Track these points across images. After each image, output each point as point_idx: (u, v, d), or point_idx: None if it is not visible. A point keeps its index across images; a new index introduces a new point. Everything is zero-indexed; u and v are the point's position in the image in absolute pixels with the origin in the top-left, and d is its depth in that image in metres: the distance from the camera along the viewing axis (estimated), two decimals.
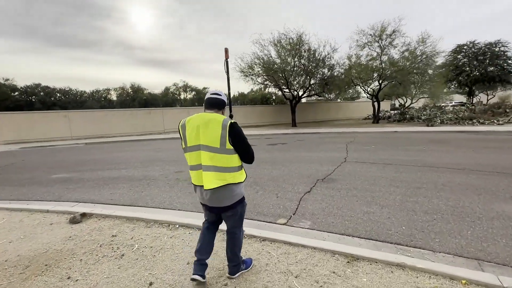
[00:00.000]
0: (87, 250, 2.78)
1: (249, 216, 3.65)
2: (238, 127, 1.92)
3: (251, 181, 5.36)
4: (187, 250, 2.69)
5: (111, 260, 2.56)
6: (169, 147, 11.43)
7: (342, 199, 4.11)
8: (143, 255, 2.63)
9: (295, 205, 4.00)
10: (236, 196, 1.99)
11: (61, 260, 2.59)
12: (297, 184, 5.04)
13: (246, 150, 1.94)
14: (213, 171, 1.87)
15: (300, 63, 17.51)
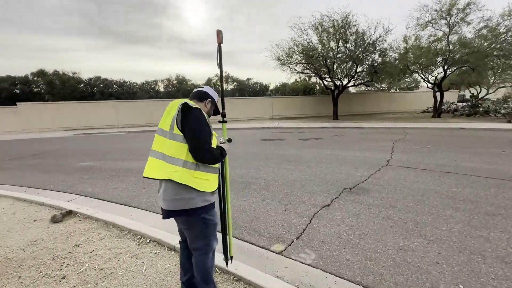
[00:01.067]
0: (36, 263, 2.38)
1: (240, 234, 2.89)
2: (197, 112, 1.55)
3: (262, 184, 4.56)
4: (137, 282, 2.08)
5: (49, 283, 2.09)
6: None
7: (370, 222, 3.04)
8: (84, 282, 2.10)
9: (304, 224, 3.08)
10: (182, 202, 1.53)
11: (2, 274, 2.23)
12: (316, 193, 4.06)
13: (195, 138, 1.50)
14: (158, 158, 1.55)
15: (345, 48, 15.57)
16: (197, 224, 1.61)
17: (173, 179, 1.48)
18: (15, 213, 3.62)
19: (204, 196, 1.57)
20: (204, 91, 1.78)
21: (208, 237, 1.66)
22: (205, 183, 1.57)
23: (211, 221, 1.66)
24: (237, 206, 3.69)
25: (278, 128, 13.66)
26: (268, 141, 9.37)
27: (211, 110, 1.83)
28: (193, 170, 1.52)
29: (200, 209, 1.57)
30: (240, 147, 8.39)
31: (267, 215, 3.37)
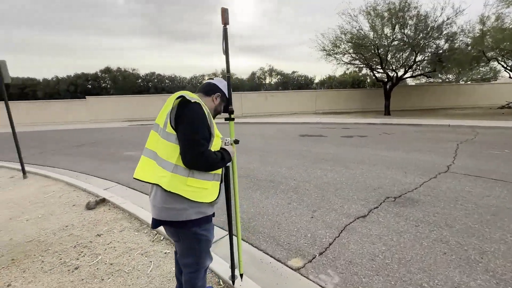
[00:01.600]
0: (60, 249, 2.51)
1: (256, 241, 2.62)
2: (196, 107, 1.28)
3: (291, 185, 4.20)
4: (139, 283, 1.99)
5: (63, 272, 2.15)
6: (239, 131, 11.27)
7: (416, 244, 2.47)
8: (92, 275, 2.10)
9: (331, 236, 2.66)
10: (172, 213, 1.30)
11: (30, 256, 2.39)
12: (352, 199, 3.54)
13: (187, 140, 1.24)
14: (150, 158, 1.34)
15: (402, 34, 13.72)
16: (187, 238, 1.39)
17: (161, 185, 1.26)
18: (61, 196, 4.00)
19: (199, 207, 1.33)
20: (213, 83, 1.52)
21: (199, 254, 1.43)
22: (201, 193, 1.32)
23: (204, 237, 1.41)
24: (259, 207, 3.43)
25: (320, 124, 12.87)
26: (307, 137, 8.84)
27: (220, 106, 1.56)
28: (185, 176, 1.27)
29: (193, 222, 1.33)
30: (275, 143, 8.07)
31: (290, 221, 3.03)
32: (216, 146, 1.38)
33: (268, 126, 12.98)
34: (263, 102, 19.21)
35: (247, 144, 7.87)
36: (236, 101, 19.20)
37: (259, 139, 8.85)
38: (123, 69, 31.67)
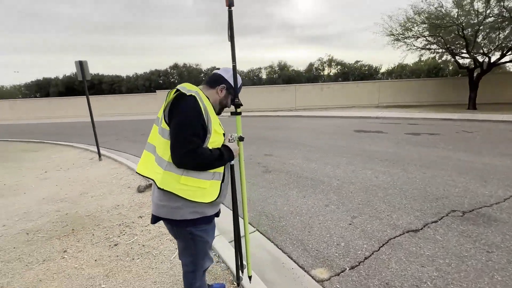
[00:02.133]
0: (108, 225, 2.85)
1: (282, 243, 2.47)
2: (191, 103, 1.18)
3: (333, 185, 3.85)
4: (161, 268, 2.09)
5: (105, 247, 2.43)
6: (289, 125, 11.00)
7: (484, 275, 1.93)
8: (126, 254, 2.31)
9: (369, 249, 2.31)
10: (167, 210, 1.26)
11: (85, 228, 2.78)
12: (404, 208, 3.02)
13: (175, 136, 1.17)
14: (149, 152, 1.31)
15: (501, 7, 10.98)
16: (183, 238, 1.34)
17: (155, 181, 1.23)
18: (121, 179, 4.58)
19: (195, 207, 1.26)
20: (218, 74, 1.38)
21: (195, 254, 1.37)
22: (197, 192, 1.23)
23: (200, 238, 1.33)
24: (293, 206, 3.24)
25: (381, 118, 11.52)
26: (362, 133, 8.01)
27: (227, 99, 1.41)
28: (179, 175, 1.20)
29: (188, 221, 1.27)
30: (325, 138, 7.56)
31: (324, 225, 2.76)
32: (215, 143, 1.27)
33: (321, 120, 12.30)
34: (318, 95, 18.28)
35: (293, 139, 7.60)
36: (289, 94, 18.79)
37: (308, 133, 8.45)
38: (188, 64, 34.53)
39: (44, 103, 24.44)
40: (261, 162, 5.28)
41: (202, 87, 1.36)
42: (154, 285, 1.91)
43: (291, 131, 9.04)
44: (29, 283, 1.98)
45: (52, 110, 22.90)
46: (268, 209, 3.20)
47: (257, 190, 3.82)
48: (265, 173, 4.58)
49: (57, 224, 2.92)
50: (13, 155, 7.06)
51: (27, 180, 4.69)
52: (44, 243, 2.54)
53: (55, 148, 8.00)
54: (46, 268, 2.15)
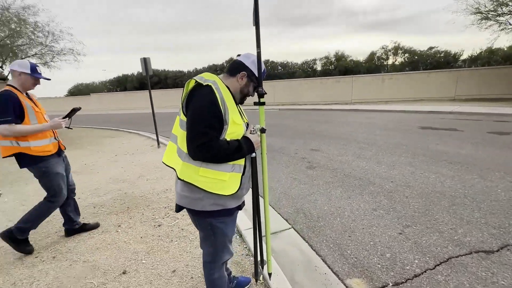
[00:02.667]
0: (156, 207, 3.13)
1: (317, 244, 2.31)
2: (206, 93, 1.14)
3: (385, 188, 3.43)
4: (195, 253, 2.18)
5: (150, 226, 2.67)
6: (341, 119, 10.28)
7: None
8: (166, 235, 2.49)
9: (421, 266, 1.97)
10: (188, 200, 1.25)
11: (138, 208, 3.11)
12: (476, 223, 2.49)
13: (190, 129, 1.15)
14: (173, 142, 1.32)
15: None
16: (203, 228, 1.34)
17: (176, 172, 1.24)
18: None
19: (216, 199, 1.23)
20: (238, 60, 1.30)
21: (214, 246, 1.36)
22: (217, 184, 1.21)
23: (219, 230, 1.31)
24: (335, 207, 3.00)
25: (457, 113, 9.79)
26: (429, 131, 6.94)
27: (248, 87, 1.33)
28: (197, 166, 1.19)
29: (208, 213, 1.26)
30: (383, 134, 6.81)
31: (368, 231, 2.48)
32: (234, 135, 1.21)
33: (380, 114, 11.13)
34: (378, 87, 16.56)
35: (345, 134, 7.06)
36: (345, 86, 17.53)
37: (362, 128, 7.75)
38: None
39: (121, 96, 28.42)
40: (306, 157, 5.06)
41: (222, 76, 1.31)
42: (186, 268, 2.01)
43: (343, 126, 8.43)
44: (89, 249, 2.31)
45: (128, 102, 26.48)
46: (307, 207, 3.05)
47: (297, 186, 3.68)
48: (308, 169, 4.37)
49: (117, 201, 3.35)
50: (95, 140, 8.42)
51: (101, 161, 5.52)
52: (105, 217, 2.94)
53: (126, 135, 9.22)
54: (103, 238, 2.48)
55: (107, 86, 40.31)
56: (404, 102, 15.00)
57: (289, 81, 20.51)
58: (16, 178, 4.49)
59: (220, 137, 1.17)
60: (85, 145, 7.53)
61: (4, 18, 8.27)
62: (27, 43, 8.91)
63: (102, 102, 28.62)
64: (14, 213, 3.11)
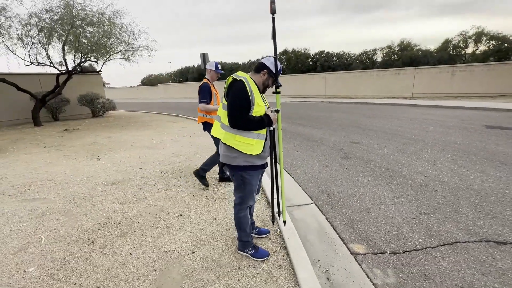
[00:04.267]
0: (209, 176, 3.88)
1: (332, 218, 2.70)
2: (240, 85, 1.72)
3: (416, 180, 3.50)
4: (230, 209, 2.81)
5: (200, 189, 3.42)
6: (394, 114, 9.71)
7: None
8: (211, 196, 3.18)
9: (423, 244, 2.20)
10: (228, 158, 1.84)
11: (190, 176, 3.91)
12: (498, 218, 2.51)
13: (229, 108, 1.73)
14: (217, 120, 1.94)
15: None
16: (235, 178, 1.90)
17: (221, 139, 1.83)
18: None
19: (247, 157, 1.78)
20: (262, 62, 1.86)
21: (243, 192, 1.91)
22: (248, 147, 1.76)
23: (248, 180, 1.86)
24: (359, 192, 3.27)
25: None
26: (496, 130, 6.21)
27: (268, 81, 1.86)
28: (234, 134, 1.75)
29: (241, 167, 1.82)
30: (437, 131, 6.39)
31: (383, 214, 2.73)
32: (259, 113, 1.74)
33: (442, 110, 10.11)
34: (447, 80, 14.70)
35: (392, 129, 6.84)
36: (406, 78, 16.05)
37: (414, 125, 7.33)
38: (297, 50, 34.90)
39: (183, 86, 31.37)
40: (344, 149, 5.25)
41: (250, 74, 1.85)
42: (223, 218, 2.65)
43: (393, 121, 8.08)
44: (157, 199, 3.17)
45: (189, 92, 29.20)
46: (331, 189, 3.39)
47: (328, 172, 4.00)
48: (343, 159, 4.61)
49: (177, 170, 4.24)
50: (163, 123, 9.94)
51: (167, 140, 6.69)
52: (169, 179, 3.83)
53: (186, 121, 10.58)
54: (167, 193, 3.32)
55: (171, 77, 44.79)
56: (479, 98, 13.10)
57: (341, 73, 19.70)
58: (109, 149, 5.89)
59: (249, 113, 1.72)
60: (154, 127, 9.03)
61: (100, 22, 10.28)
62: (115, 42, 10.90)
63: (168, 91, 32.16)
64: (108, 170, 4.27)
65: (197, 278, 1.83)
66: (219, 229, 2.46)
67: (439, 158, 4.39)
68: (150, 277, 1.84)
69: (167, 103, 22.56)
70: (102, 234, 2.43)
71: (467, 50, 28.22)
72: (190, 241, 2.28)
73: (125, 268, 1.94)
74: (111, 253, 2.13)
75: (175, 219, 2.67)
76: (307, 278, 1.78)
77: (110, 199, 3.20)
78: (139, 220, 2.65)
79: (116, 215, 2.78)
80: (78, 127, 9.43)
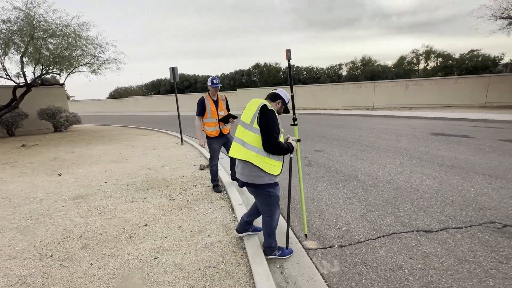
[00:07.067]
0: (173, 187, 3.95)
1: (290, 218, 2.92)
2: (271, 113, 1.94)
3: (367, 182, 3.90)
4: (196, 217, 2.93)
5: (166, 199, 3.48)
6: (356, 124, 10.50)
7: (475, 278, 1.89)
8: (178, 206, 3.27)
9: (366, 236, 2.50)
10: (255, 178, 1.99)
11: (160, 187, 3.96)
12: (430, 212, 2.92)
13: (266, 134, 1.91)
14: (238, 144, 2.03)
15: None
16: (263, 195, 2.08)
17: (250, 161, 1.93)
18: (191, 159, 5.85)
19: (270, 176, 1.99)
20: (276, 93, 2.16)
21: (271, 205, 2.11)
22: (272, 168, 1.97)
23: (274, 193, 2.06)
24: (317, 195, 3.57)
25: (479, 121, 9.53)
26: (440, 137, 7.05)
27: (281, 109, 2.18)
28: (265, 156, 1.94)
29: (267, 185, 2.01)
30: (391, 139, 7.07)
31: (336, 213, 3.03)
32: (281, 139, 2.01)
33: (397, 120, 11.15)
34: (401, 93, 16.26)
35: (353, 137, 7.43)
36: (367, 91, 17.44)
37: (373, 133, 8.03)
38: (269, 63, 36.17)
39: (155, 99, 30.75)
40: (308, 157, 5.61)
41: (268, 101, 2.10)
42: (188, 225, 2.76)
43: (355, 130, 8.76)
44: (122, 211, 3.18)
45: (160, 105, 28.69)
46: (292, 194, 3.64)
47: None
48: (306, 166, 4.94)
49: (144, 182, 4.25)
50: (131, 137, 9.71)
51: (135, 154, 6.60)
52: (135, 192, 3.83)
53: (156, 134, 10.44)
54: (132, 205, 3.34)
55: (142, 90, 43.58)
56: (429, 109, 14.62)
57: (310, 86, 20.83)
58: (72, 164, 5.67)
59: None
60: (123, 141, 8.80)
61: (63, 34, 9.97)
62: (80, 54, 10.58)
63: (139, 104, 31.26)
64: (70, 186, 4.15)
65: (158, 281, 1.92)
66: (183, 236, 2.56)
67: (389, 162, 4.90)
68: (110, 284, 1.90)
69: (138, 117, 21.93)
70: (62, 247, 2.41)
71: (419, 66, 31.18)
72: (154, 248, 2.35)
73: (85, 278, 1.97)
74: (71, 265, 2.14)
75: (140, 229, 2.72)
76: (262, 273, 1.96)
77: (71, 213, 3.14)
78: (102, 232, 2.66)
79: (77, 229, 2.75)
80: (37, 143, 8.87)
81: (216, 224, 2.79)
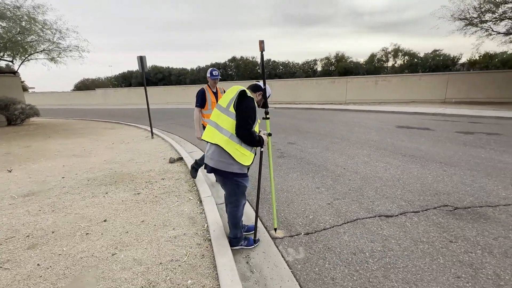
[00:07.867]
0: (139, 181, 3.75)
1: (259, 208, 2.90)
2: (250, 99, 1.91)
3: (335, 172, 4.00)
4: (161, 211, 2.80)
5: (131, 194, 3.30)
6: (329, 118, 10.80)
7: (428, 257, 2.01)
8: (142, 200, 3.11)
9: (331, 224, 2.56)
10: (223, 164, 1.92)
11: (124, 181, 3.74)
12: (391, 198, 3.06)
13: (241, 119, 1.86)
14: (213, 127, 1.96)
15: None
16: (229, 183, 2.02)
17: (221, 145, 1.87)
18: (161, 152, 5.61)
19: (240, 166, 1.93)
20: (259, 85, 2.13)
21: (237, 195, 2.06)
22: (242, 157, 1.92)
23: (242, 183, 2.04)
24: (287, 185, 3.59)
25: (439, 115, 10.26)
26: (404, 129, 7.46)
27: (261, 102, 2.14)
28: (236, 143, 1.88)
29: (235, 174, 1.94)
30: (360, 131, 7.35)
31: (304, 202, 3.07)
32: (255, 129, 1.96)
33: (368, 114, 11.64)
34: (371, 88, 17.02)
35: (326, 130, 7.62)
36: (340, 86, 18.01)
37: (344, 126, 8.29)
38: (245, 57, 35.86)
39: (125, 91, 29.18)
40: (281, 149, 5.65)
41: (249, 91, 2.01)
42: (152, 220, 2.63)
43: (328, 124, 8.99)
44: (79, 207, 2.95)
45: (131, 98, 27.28)
46: (263, 185, 3.63)
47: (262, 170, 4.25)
48: (278, 158, 4.96)
49: (107, 177, 3.99)
50: (97, 131, 9.11)
51: (99, 148, 6.18)
52: (95, 187, 3.58)
53: (125, 127, 9.90)
54: (91, 201, 3.11)
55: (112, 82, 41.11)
56: (396, 104, 15.44)
57: (286, 81, 21.00)
58: (25, 159, 5.16)
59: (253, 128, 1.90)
60: (87, 135, 8.22)
61: (15, 16, 8.98)
62: (36, 39, 9.63)
63: (108, 97, 29.46)
64: (20, 182, 3.77)
65: (113, 279, 1.80)
66: (145, 230, 2.44)
67: (357, 153, 5.08)
68: (59, 285, 1.74)
69: (106, 110, 20.64)
70: (5, 249, 2.17)
71: (388, 63, 32.66)
72: (112, 244, 2.21)
73: (29, 280, 1.79)
74: (13, 267, 1.93)
75: (98, 225, 2.53)
76: (226, 263, 1.92)
77: (19, 211, 2.85)
78: (54, 230, 2.44)
79: (25, 228, 2.50)
80: None
81: (182, 217, 2.69)
